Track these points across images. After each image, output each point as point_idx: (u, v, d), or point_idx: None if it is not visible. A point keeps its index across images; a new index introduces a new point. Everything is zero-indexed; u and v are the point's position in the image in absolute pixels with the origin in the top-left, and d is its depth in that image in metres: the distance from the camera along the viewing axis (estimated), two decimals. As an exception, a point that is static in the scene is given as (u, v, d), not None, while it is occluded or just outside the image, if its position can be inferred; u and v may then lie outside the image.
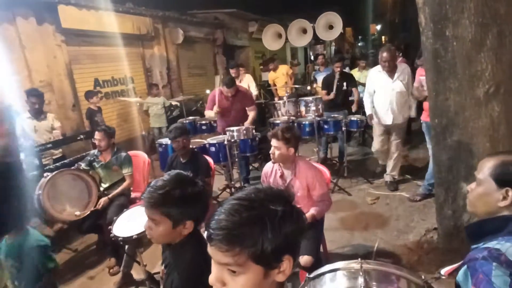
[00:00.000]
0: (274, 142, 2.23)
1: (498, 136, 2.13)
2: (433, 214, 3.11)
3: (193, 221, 1.24)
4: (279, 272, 0.71)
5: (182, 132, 2.95)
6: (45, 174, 2.86)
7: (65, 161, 3.53)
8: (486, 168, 1.15)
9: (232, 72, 5.45)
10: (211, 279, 0.71)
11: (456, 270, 1.15)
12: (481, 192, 1.16)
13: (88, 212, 2.92)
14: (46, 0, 4.81)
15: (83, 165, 3.20)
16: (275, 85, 6.65)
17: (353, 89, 5.02)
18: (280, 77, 6.55)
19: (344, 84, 4.86)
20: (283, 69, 6.61)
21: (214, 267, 0.71)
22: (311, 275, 1.36)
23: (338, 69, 4.85)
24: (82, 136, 3.68)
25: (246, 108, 4.26)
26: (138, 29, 6.67)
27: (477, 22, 2.03)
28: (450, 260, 2.41)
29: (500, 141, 2.13)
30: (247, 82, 5.50)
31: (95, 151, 3.27)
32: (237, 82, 5.30)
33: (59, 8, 4.95)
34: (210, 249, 0.69)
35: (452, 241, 2.42)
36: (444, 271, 1.35)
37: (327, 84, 4.99)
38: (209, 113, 4.28)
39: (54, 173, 2.86)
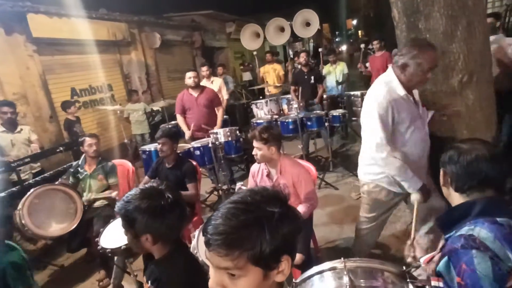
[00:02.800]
0: (254, 143, 2.24)
1: (475, 123, 2.20)
2: (418, 202, 3.20)
3: (153, 235, 1.22)
4: (278, 272, 0.72)
5: (167, 134, 2.92)
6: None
7: (46, 174, 3.42)
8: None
9: (203, 70, 5.32)
10: (211, 284, 0.71)
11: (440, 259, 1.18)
12: (440, 182, 1.27)
13: (74, 227, 2.82)
14: (14, 9, 4.64)
15: (70, 180, 3.10)
16: (263, 81, 6.68)
17: (319, 85, 5.13)
18: (270, 72, 6.58)
19: (312, 78, 5.00)
20: (276, 66, 6.67)
21: (212, 272, 0.71)
22: (298, 280, 1.36)
23: (303, 59, 5.04)
24: (61, 148, 3.59)
25: (216, 108, 4.27)
26: (114, 35, 6.54)
27: (447, 15, 2.10)
28: (436, 247, 2.49)
29: (476, 128, 2.20)
30: (218, 86, 5.35)
31: (78, 162, 3.18)
32: (208, 82, 5.27)
33: (29, 17, 4.79)
34: (209, 254, 0.69)
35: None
36: (423, 259, 1.39)
37: (296, 80, 5.16)
38: (180, 119, 4.27)
39: (35, 189, 2.74)
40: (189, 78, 4.12)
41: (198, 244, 2.01)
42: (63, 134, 5.17)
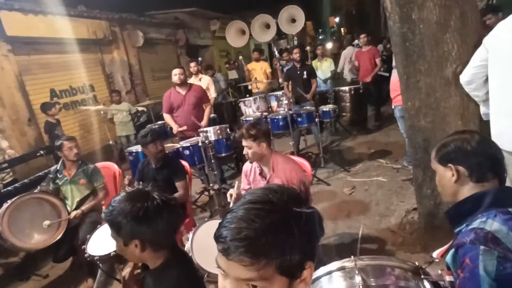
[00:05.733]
0: (243, 143, 2.17)
1: (469, 114, 2.20)
2: (411, 196, 3.20)
3: (142, 241, 1.12)
4: (301, 281, 0.63)
5: (158, 134, 2.83)
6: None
7: (17, 185, 3.18)
8: (432, 156, 1.20)
9: (192, 65, 5.22)
10: None
11: (447, 251, 1.15)
12: (438, 179, 1.21)
13: (59, 238, 2.65)
14: (-14, 6, 4.40)
15: (50, 186, 2.92)
16: (250, 77, 6.62)
17: (313, 80, 5.08)
18: (256, 69, 6.52)
19: (305, 73, 4.94)
20: (263, 64, 6.63)
21: (229, 284, 0.61)
22: None
23: (297, 55, 4.98)
24: (42, 152, 3.39)
25: (204, 105, 4.18)
26: (94, 33, 6.31)
27: (441, 4, 2.08)
28: (433, 237, 2.48)
29: (471, 119, 2.20)
30: (206, 84, 5.24)
31: (57, 166, 2.99)
32: (196, 79, 5.16)
33: (1, 15, 4.55)
34: (226, 263, 0.59)
35: (433, 219, 2.48)
36: (435, 254, 1.36)
37: (289, 76, 5.11)
38: (167, 117, 4.16)
39: (14, 199, 2.53)
40: (175, 75, 4.00)
41: (192, 248, 1.92)
42: (43, 138, 4.94)
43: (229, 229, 0.58)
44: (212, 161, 3.76)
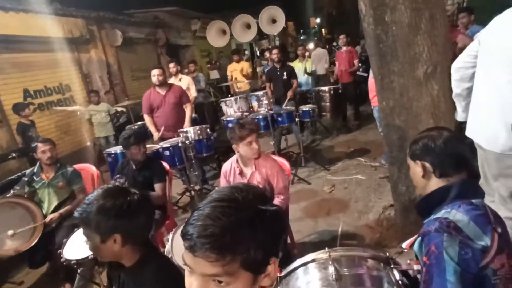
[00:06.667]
0: (253, 136, 2.23)
1: (439, 113, 2.30)
2: (388, 193, 3.30)
3: (123, 235, 1.12)
4: (265, 276, 0.65)
5: (140, 136, 2.80)
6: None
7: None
8: (407, 152, 1.28)
9: (171, 66, 5.17)
10: None
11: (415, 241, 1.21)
12: (411, 174, 1.28)
13: (34, 243, 2.56)
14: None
15: (25, 189, 2.82)
16: (231, 78, 6.62)
17: (294, 80, 5.12)
18: (237, 70, 6.56)
19: (285, 74, 4.99)
20: (244, 65, 6.64)
21: (195, 280, 0.62)
22: (282, 274, 1.34)
23: (275, 56, 5.03)
24: (14, 155, 3.26)
25: (184, 106, 4.16)
26: (70, 32, 6.13)
27: (411, 7, 2.16)
28: (409, 233, 2.57)
29: (441, 118, 2.30)
30: (186, 84, 5.19)
31: (33, 169, 2.89)
32: (176, 80, 5.12)
33: (-29, 12, 4.34)
34: (192, 260, 0.60)
35: (409, 215, 2.57)
36: (405, 244, 1.44)
37: (270, 76, 5.15)
38: (147, 120, 4.10)
39: None
40: (154, 76, 3.95)
41: (172, 248, 1.92)
42: (15, 140, 4.75)
43: (195, 226, 0.59)
44: (193, 161, 3.74)
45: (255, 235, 0.60)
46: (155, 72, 3.96)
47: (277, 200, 2.21)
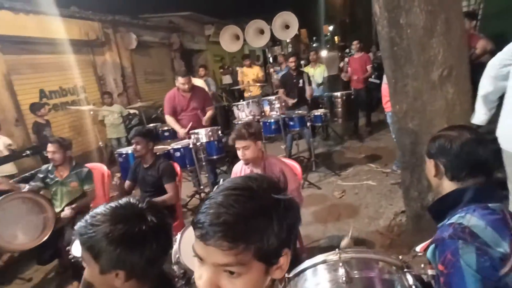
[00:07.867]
0: (241, 143, 2.15)
1: (454, 117, 2.24)
2: (399, 199, 3.23)
3: (127, 271, 0.91)
4: (277, 268, 0.63)
5: (140, 132, 2.79)
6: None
7: (10, 181, 3.14)
8: (423, 151, 1.25)
9: (183, 81, 4.05)
10: (203, 284, 0.60)
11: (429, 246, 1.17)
12: (426, 172, 1.24)
13: (46, 238, 2.59)
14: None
15: (38, 183, 2.86)
16: (243, 82, 6.66)
17: (308, 87, 5.10)
18: (248, 74, 6.62)
19: (300, 81, 4.96)
20: (255, 69, 6.67)
21: (205, 271, 0.60)
22: (291, 274, 1.30)
23: (293, 64, 4.96)
24: (28, 152, 3.32)
25: (206, 109, 4.16)
26: (86, 34, 6.28)
27: (427, 10, 2.12)
28: (420, 239, 2.49)
29: (456, 121, 2.23)
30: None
31: (48, 166, 2.94)
32: None
33: (-8, 13, 4.50)
34: (204, 250, 0.59)
35: (420, 221, 2.50)
36: (419, 248, 1.38)
37: (284, 82, 5.08)
38: (170, 120, 4.11)
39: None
40: (181, 84, 3.92)
41: (180, 248, 1.90)
42: (30, 139, 4.86)
43: (207, 214, 0.58)
44: (203, 163, 3.74)
45: (269, 224, 0.58)
46: (182, 81, 3.90)
47: None
